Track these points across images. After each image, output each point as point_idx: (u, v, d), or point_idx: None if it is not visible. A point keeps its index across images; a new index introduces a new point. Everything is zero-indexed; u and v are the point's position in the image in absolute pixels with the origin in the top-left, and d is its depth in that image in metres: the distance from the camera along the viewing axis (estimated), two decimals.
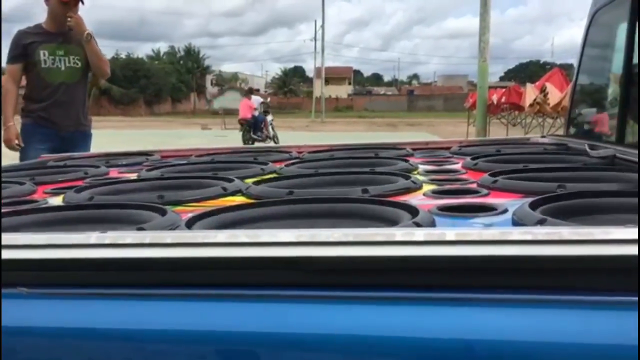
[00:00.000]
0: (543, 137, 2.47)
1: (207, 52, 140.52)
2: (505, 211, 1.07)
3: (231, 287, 0.73)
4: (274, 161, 1.99)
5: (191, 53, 58.27)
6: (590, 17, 2.14)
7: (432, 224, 0.96)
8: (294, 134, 20.30)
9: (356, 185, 1.39)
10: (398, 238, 0.71)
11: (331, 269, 0.72)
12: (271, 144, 14.27)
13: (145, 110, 46.14)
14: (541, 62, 75.19)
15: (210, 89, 58.87)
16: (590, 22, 2.13)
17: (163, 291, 0.74)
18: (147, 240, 0.75)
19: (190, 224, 0.98)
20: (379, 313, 0.69)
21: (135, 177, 1.74)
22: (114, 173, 1.96)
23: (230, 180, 1.48)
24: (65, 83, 3.53)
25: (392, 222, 0.98)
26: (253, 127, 16.93)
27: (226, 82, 59.65)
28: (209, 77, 59.43)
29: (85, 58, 3.56)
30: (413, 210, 0.99)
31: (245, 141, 16.13)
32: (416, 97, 57.32)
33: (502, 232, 0.70)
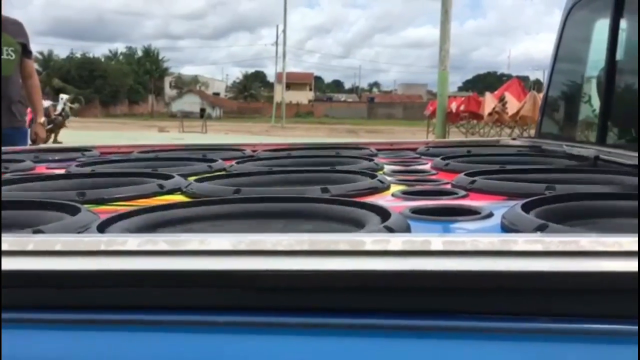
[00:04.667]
0: (514, 139, 2.36)
1: (167, 54, 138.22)
2: (490, 215, 0.91)
3: (144, 311, 0.54)
4: (225, 159, 1.80)
5: (150, 54, 57.21)
6: (565, 13, 2.02)
7: (407, 229, 0.79)
8: (253, 139, 20.03)
9: (315, 184, 1.21)
10: (368, 247, 0.54)
11: (279, 287, 0.54)
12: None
13: (101, 112, 44.91)
14: (498, 73, 76.79)
15: (169, 92, 57.83)
16: (565, 19, 2.02)
17: (50, 316, 0.54)
18: (29, 247, 0.56)
19: (104, 227, 0.78)
20: (344, 346, 0.52)
21: (61, 173, 1.52)
22: (41, 169, 1.73)
23: (169, 177, 1.28)
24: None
25: (358, 226, 0.81)
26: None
27: (186, 85, 58.66)
28: (167, 79, 58.39)
29: (20, 50, 3.26)
30: (383, 212, 0.82)
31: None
32: (376, 104, 57.60)
33: (504, 240, 0.54)
